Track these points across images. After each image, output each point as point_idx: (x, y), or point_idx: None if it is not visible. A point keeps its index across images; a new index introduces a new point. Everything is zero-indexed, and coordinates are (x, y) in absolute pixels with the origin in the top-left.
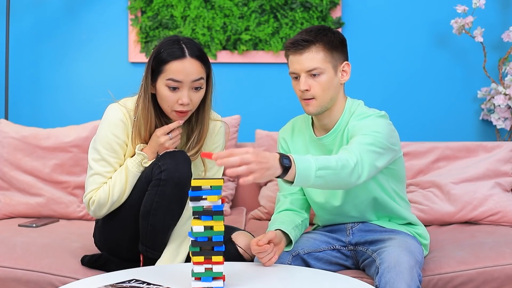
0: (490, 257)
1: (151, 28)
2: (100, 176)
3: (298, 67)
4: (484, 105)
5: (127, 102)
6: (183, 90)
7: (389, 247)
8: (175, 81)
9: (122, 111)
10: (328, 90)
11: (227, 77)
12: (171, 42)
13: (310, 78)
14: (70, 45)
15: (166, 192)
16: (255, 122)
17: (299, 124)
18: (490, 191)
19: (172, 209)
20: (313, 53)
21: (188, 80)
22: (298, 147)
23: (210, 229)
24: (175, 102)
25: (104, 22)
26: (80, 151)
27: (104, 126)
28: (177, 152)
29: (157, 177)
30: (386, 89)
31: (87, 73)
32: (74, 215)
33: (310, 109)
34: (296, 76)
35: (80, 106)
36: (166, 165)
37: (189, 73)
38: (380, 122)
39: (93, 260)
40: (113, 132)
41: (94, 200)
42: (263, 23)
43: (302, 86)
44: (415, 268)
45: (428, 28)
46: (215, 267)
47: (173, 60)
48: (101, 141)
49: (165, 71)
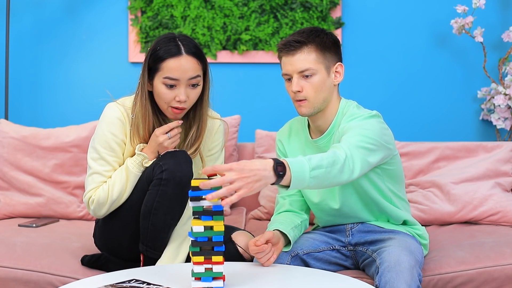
0: (490, 257)
1: (151, 28)
2: (99, 175)
3: (290, 68)
4: (484, 105)
5: (125, 101)
6: (180, 87)
7: (389, 247)
8: (172, 79)
9: (120, 109)
10: (321, 91)
11: (227, 77)
12: (167, 39)
13: (302, 79)
14: (70, 45)
15: (167, 191)
16: (255, 122)
17: (295, 126)
18: (490, 191)
19: (173, 209)
20: (305, 54)
21: (185, 78)
22: (294, 149)
23: (210, 229)
24: (172, 99)
25: (104, 22)
26: (80, 151)
27: (102, 125)
28: (179, 152)
29: (159, 177)
30: (386, 89)
31: (87, 73)
32: (74, 215)
33: (303, 110)
34: (288, 77)
35: (80, 106)
36: (168, 164)
37: (186, 71)
38: (370, 121)
39: (93, 260)
40: (111, 130)
41: (94, 199)
42: (263, 23)
43: (294, 87)
44: (415, 267)
45: (428, 28)
46: (215, 267)
47: (169, 57)
48: (99, 140)
49: (162, 69)
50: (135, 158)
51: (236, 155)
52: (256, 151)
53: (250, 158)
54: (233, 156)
